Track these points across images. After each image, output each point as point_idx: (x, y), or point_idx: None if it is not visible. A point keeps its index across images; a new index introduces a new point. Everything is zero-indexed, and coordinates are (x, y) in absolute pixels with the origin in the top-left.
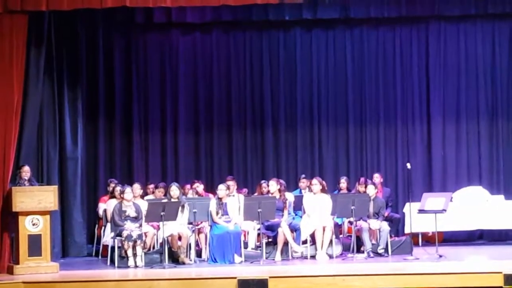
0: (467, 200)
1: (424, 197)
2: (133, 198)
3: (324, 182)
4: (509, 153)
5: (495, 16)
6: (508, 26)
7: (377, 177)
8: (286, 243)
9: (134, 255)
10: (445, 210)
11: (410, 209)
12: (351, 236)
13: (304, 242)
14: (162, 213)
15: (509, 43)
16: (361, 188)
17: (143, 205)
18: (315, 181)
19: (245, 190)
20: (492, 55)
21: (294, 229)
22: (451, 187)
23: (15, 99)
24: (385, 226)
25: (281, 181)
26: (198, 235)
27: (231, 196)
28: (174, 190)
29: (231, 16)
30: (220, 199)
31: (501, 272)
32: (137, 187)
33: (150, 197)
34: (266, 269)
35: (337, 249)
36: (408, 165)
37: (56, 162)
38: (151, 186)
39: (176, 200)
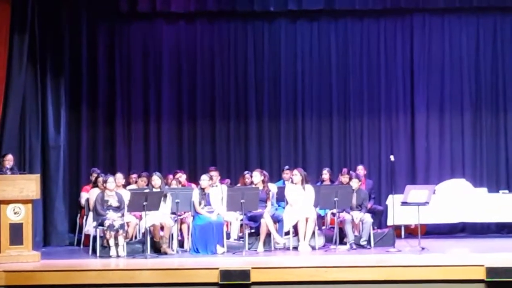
0: (450, 192)
1: (407, 189)
2: (115, 187)
3: (305, 173)
4: (493, 146)
5: (480, 9)
6: (492, 19)
7: (360, 169)
8: (268, 234)
9: (116, 244)
10: (428, 203)
11: (393, 201)
12: (333, 227)
13: (287, 233)
14: (144, 203)
15: (493, 36)
16: (344, 179)
17: (126, 195)
18: (296, 171)
19: (228, 180)
20: (476, 48)
21: (277, 220)
22: (434, 179)
23: None
24: (368, 218)
25: (264, 172)
26: (181, 225)
27: (214, 186)
28: (156, 179)
29: (215, 6)
30: (203, 189)
31: (483, 265)
32: (120, 176)
33: (133, 186)
34: (248, 260)
35: (319, 240)
36: (392, 157)
37: (38, 150)
38: (134, 175)
39: (158, 189)
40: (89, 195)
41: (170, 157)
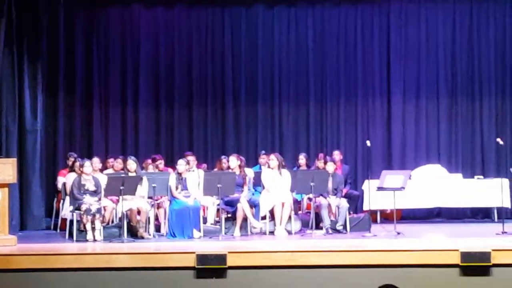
0: (426, 178)
1: (383, 174)
2: (92, 171)
3: (281, 158)
4: (468, 132)
5: None
6: (468, 6)
7: (337, 154)
8: (245, 219)
9: (93, 229)
10: (403, 188)
11: (369, 186)
12: (310, 212)
13: (263, 218)
14: (121, 187)
15: (469, 24)
16: (320, 164)
17: (103, 179)
18: (272, 156)
19: (204, 165)
20: (452, 35)
21: (254, 204)
22: (410, 165)
23: None
24: (344, 203)
25: (241, 157)
26: (157, 209)
27: (191, 171)
28: (131, 164)
29: None
30: (179, 174)
31: (457, 250)
32: (96, 161)
33: (110, 171)
34: (224, 245)
35: (296, 225)
36: (368, 143)
37: (15, 134)
38: (111, 160)
39: (134, 174)
40: (66, 179)
41: (147, 142)
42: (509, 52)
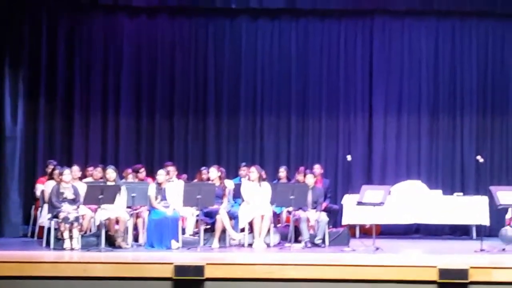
0: (405, 194)
1: (363, 189)
2: (71, 180)
3: (262, 170)
4: (449, 149)
5: (439, 12)
6: (451, 23)
7: (317, 168)
8: (224, 231)
9: (71, 237)
10: (383, 203)
11: (348, 201)
12: (289, 225)
13: (242, 230)
14: (100, 196)
15: (452, 40)
16: (300, 177)
17: (82, 188)
18: (252, 168)
19: (184, 176)
20: (435, 51)
21: (233, 216)
22: (390, 180)
23: None
24: (323, 217)
25: (221, 168)
26: (136, 219)
27: (171, 181)
28: (110, 173)
29: (177, 2)
30: (159, 184)
31: (436, 266)
32: (76, 169)
33: (89, 179)
34: (203, 256)
35: (274, 238)
36: (349, 157)
37: None
38: (90, 168)
39: (113, 183)
40: (44, 187)
41: (128, 151)
42: (491, 69)
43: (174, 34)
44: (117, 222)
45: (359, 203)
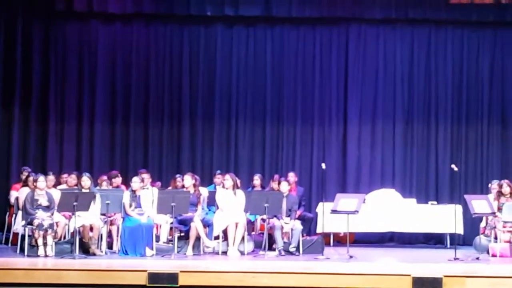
0: (380, 202)
1: (337, 197)
2: (46, 187)
3: (236, 178)
4: (423, 157)
5: (415, 21)
6: (426, 31)
7: (291, 176)
8: (198, 238)
9: (45, 244)
10: (357, 211)
11: (323, 209)
12: (263, 233)
13: (217, 237)
14: (74, 203)
15: (427, 48)
16: (274, 185)
17: (56, 195)
18: (227, 176)
19: (159, 183)
20: (410, 60)
21: (207, 224)
22: (364, 188)
23: None
24: (297, 225)
25: (196, 176)
26: (110, 226)
27: (145, 188)
28: (85, 180)
29: (152, 9)
30: (133, 191)
31: (410, 275)
32: (51, 179)
33: (63, 186)
34: (177, 264)
35: (249, 246)
36: (323, 165)
37: None
38: (65, 175)
39: (87, 190)
40: (18, 193)
41: (102, 158)
42: (466, 77)
43: (149, 41)
44: (91, 229)
45: (333, 211)
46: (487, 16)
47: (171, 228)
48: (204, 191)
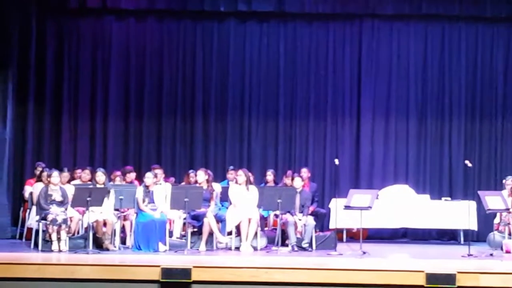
0: (393, 198)
1: (350, 193)
2: (59, 182)
3: (249, 174)
4: (436, 153)
5: (428, 16)
6: (440, 26)
7: (304, 172)
8: (211, 234)
9: (58, 239)
10: (370, 207)
11: (336, 204)
12: (276, 229)
13: (229, 233)
14: (88, 199)
15: (440, 44)
16: (288, 181)
17: (70, 190)
18: (240, 172)
19: (172, 179)
20: (423, 55)
21: (220, 219)
22: (377, 184)
23: None
24: (310, 221)
25: (209, 171)
26: (124, 222)
27: (158, 184)
28: (100, 176)
29: (166, 5)
30: (147, 187)
31: (423, 271)
32: (66, 175)
33: (77, 181)
34: (190, 259)
35: (261, 241)
36: (336, 161)
37: None
38: (79, 171)
39: (102, 185)
40: (33, 189)
41: (115, 153)
42: (480, 73)
43: (162, 37)
44: (104, 224)
45: (347, 207)
46: (501, 11)
47: (184, 224)
48: (217, 187)
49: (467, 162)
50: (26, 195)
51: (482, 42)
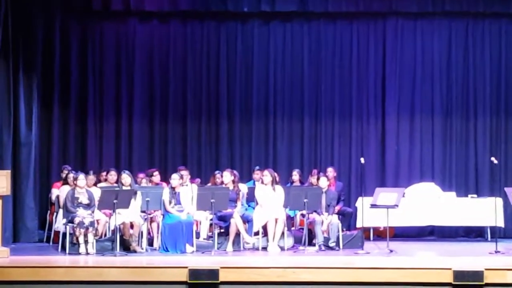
0: (419, 196)
1: (376, 192)
2: (86, 185)
3: (275, 174)
4: (462, 150)
5: (452, 14)
6: (464, 24)
7: (330, 171)
8: (238, 234)
9: (86, 242)
10: (397, 206)
11: (362, 203)
12: (303, 228)
13: (256, 233)
14: (115, 201)
15: (465, 42)
16: (313, 180)
17: (96, 193)
18: (266, 172)
19: (198, 180)
20: (448, 53)
21: (247, 220)
22: (403, 182)
23: None
24: (334, 220)
25: (235, 172)
26: (150, 223)
27: (184, 185)
28: (126, 178)
29: (189, 6)
30: (173, 188)
31: (450, 269)
32: (91, 178)
33: (103, 184)
34: (217, 260)
35: (288, 241)
36: (362, 160)
37: (9, 146)
38: (105, 173)
39: (128, 187)
40: (59, 192)
41: (141, 156)
42: (505, 70)
43: (186, 38)
44: (131, 226)
45: (373, 206)
46: None
47: (211, 225)
48: (243, 187)
49: (493, 159)
50: (53, 198)
51: (506, 39)
